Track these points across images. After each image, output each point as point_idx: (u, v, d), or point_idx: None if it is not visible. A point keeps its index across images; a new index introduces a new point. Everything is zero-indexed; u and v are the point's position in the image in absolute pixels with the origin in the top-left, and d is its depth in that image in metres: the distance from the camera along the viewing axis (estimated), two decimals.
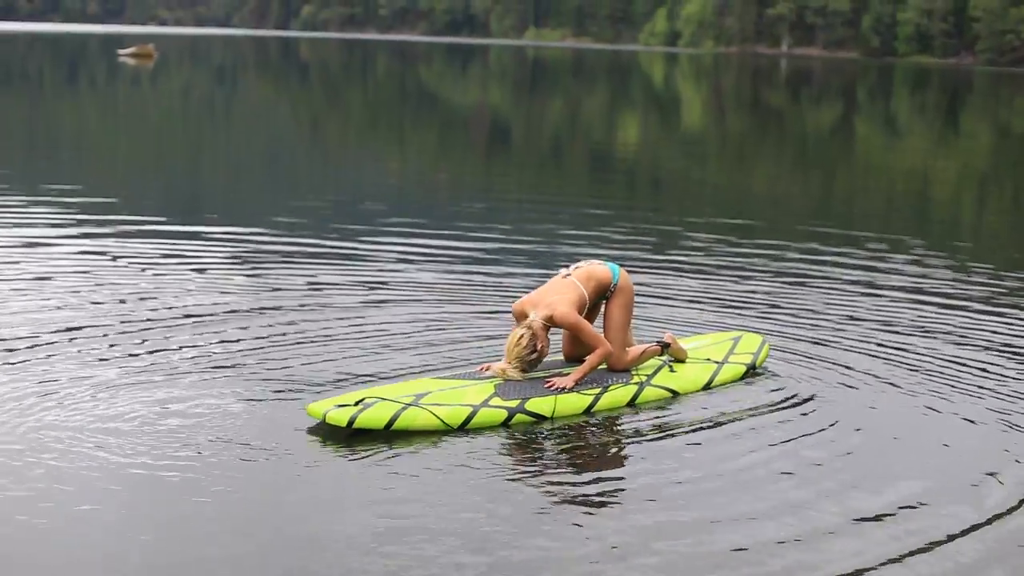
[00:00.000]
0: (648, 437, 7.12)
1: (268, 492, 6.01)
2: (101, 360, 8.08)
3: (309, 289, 10.69)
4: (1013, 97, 64.70)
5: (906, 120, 45.52)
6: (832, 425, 7.34)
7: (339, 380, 7.79)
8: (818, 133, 37.93)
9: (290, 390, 7.56)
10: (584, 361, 7.83)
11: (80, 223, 14.00)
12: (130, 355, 8.24)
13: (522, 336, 7.46)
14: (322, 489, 6.07)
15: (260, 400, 7.36)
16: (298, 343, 8.71)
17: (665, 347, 8.23)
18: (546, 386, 7.44)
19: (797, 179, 24.85)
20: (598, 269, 7.97)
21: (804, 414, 7.55)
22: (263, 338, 8.83)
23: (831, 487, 6.35)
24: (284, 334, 8.96)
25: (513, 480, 6.31)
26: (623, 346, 7.95)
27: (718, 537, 5.69)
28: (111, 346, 8.46)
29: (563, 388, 7.46)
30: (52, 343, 8.45)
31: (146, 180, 20.14)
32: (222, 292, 10.43)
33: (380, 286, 10.94)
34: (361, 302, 10.22)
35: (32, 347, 8.31)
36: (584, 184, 22.16)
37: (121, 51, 69.60)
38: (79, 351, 8.27)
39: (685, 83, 69.54)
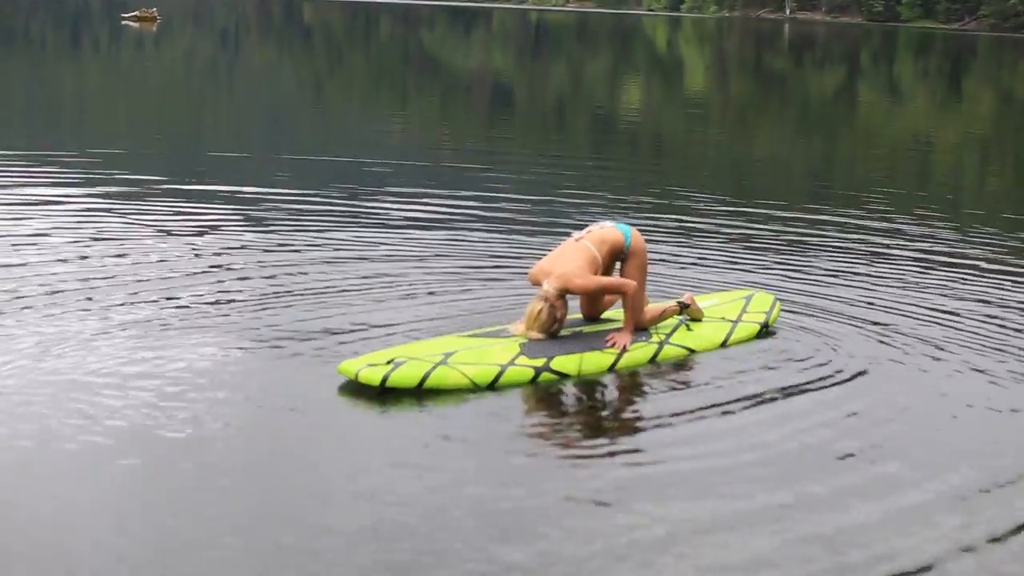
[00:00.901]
0: (673, 400, 7.12)
1: (300, 449, 6.07)
2: (119, 319, 8.08)
3: (313, 249, 10.72)
4: (1016, 62, 64.50)
5: (909, 85, 45.46)
6: (855, 387, 7.34)
7: (362, 339, 7.80)
8: (822, 98, 37.92)
9: (315, 349, 7.58)
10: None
11: (87, 184, 14.02)
12: (152, 314, 8.23)
13: (541, 310, 7.54)
14: (350, 449, 6.09)
15: (286, 359, 7.37)
16: (312, 302, 8.73)
17: (684, 307, 8.36)
18: (608, 344, 7.62)
19: (800, 143, 24.90)
20: (610, 233, 8.01)
21: (822, 376, 7.53)
22: (276, 297, 8.87)
23: (863, 458, 6.25)
24: (298, 294, 9.00)
25: (542, 445, 6.33)
26: (643, 306, 8.05)
27: (749, 509, 5.62)
28: (128, 303, 8.49)
29: (625, 346, 7.64)
30: (66, 301, 8.47)
31: (151, 142, 20.21)
32: (227, 252, 10.46)
33: (385, 245, 10.99)
34: (367, 261, 10.26)
35: (45, 304, 8.33)
36: (588, 146, 22.23)
37: (124, 15, 69.42)
38: (91, 309, 8.28)
39: (688, 47, 69.36)
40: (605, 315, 8.18)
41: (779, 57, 61.08)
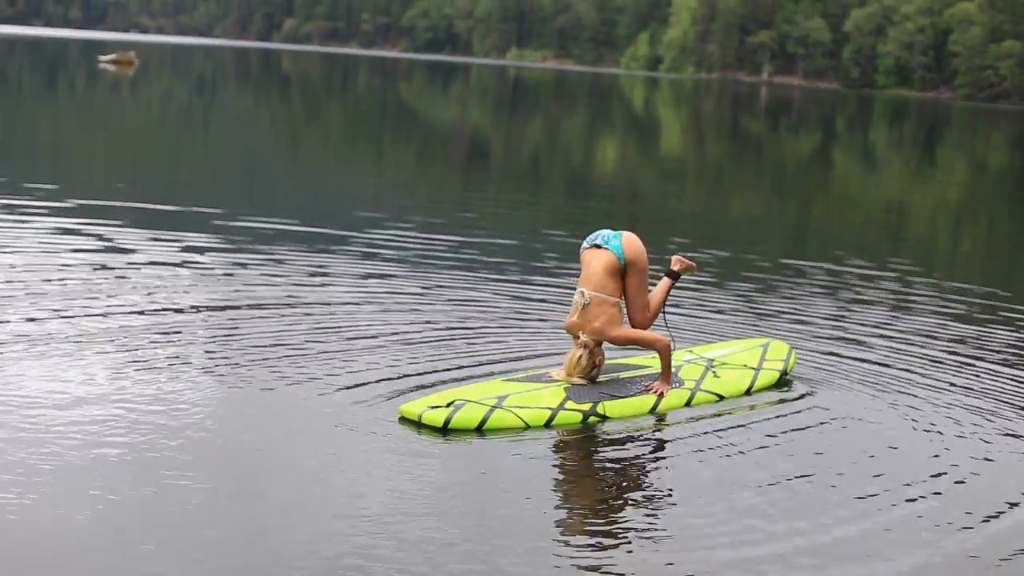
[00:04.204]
0: (710, 445, 7.40)
1: (364, 485, 6.24)
2: (151, 362, 8.10)
3: (320, 298, 10.67)
4: (990, 132, 65.18)
5: (884, 152, 45.74)
6: (875, 433, 7.75)
7: (406, 384, 8.02)
8: (797, 162, 38.08)
9: (368, 393, 7.77)
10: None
11: (66, 227, 13.86)
12: (199, 365, 8.18)
13: (581, 356, 7.94)
14: (392, 486, 6.25)
15: (339, 401, 7.54)
16: (347, 347, 8.85)
17: (675, 276, 8.78)
18: (646, 390, 8.03)
19: (773, 206, 24.96)
20: (604, 260, 8.09)
21: (829, 420, 7.97)
22: (301, 341, 8.93)
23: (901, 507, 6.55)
24: (319, 341, 9.04)
25: (598, 485, 6.66)
26: (646, 306, 8.34)
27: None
28: (151, 347, 8.52)
29: (663, 392, 8.05)
30: (86, 336, 8.53)
31: (125, 186, 19.99)
32: (237, 297, 10.38)
33: (393, 291, 11.12)
34: (378, 308, 10.34)
35: (75, 344, 8.33)
36: (565, 202, 22.14)
37: (102, 57, 69.41)
38: (137, 353, 8.31)
39: (665, 108, 69.74)
40: (635, 361, 8.65)
41: (756, 120, 61.44)
